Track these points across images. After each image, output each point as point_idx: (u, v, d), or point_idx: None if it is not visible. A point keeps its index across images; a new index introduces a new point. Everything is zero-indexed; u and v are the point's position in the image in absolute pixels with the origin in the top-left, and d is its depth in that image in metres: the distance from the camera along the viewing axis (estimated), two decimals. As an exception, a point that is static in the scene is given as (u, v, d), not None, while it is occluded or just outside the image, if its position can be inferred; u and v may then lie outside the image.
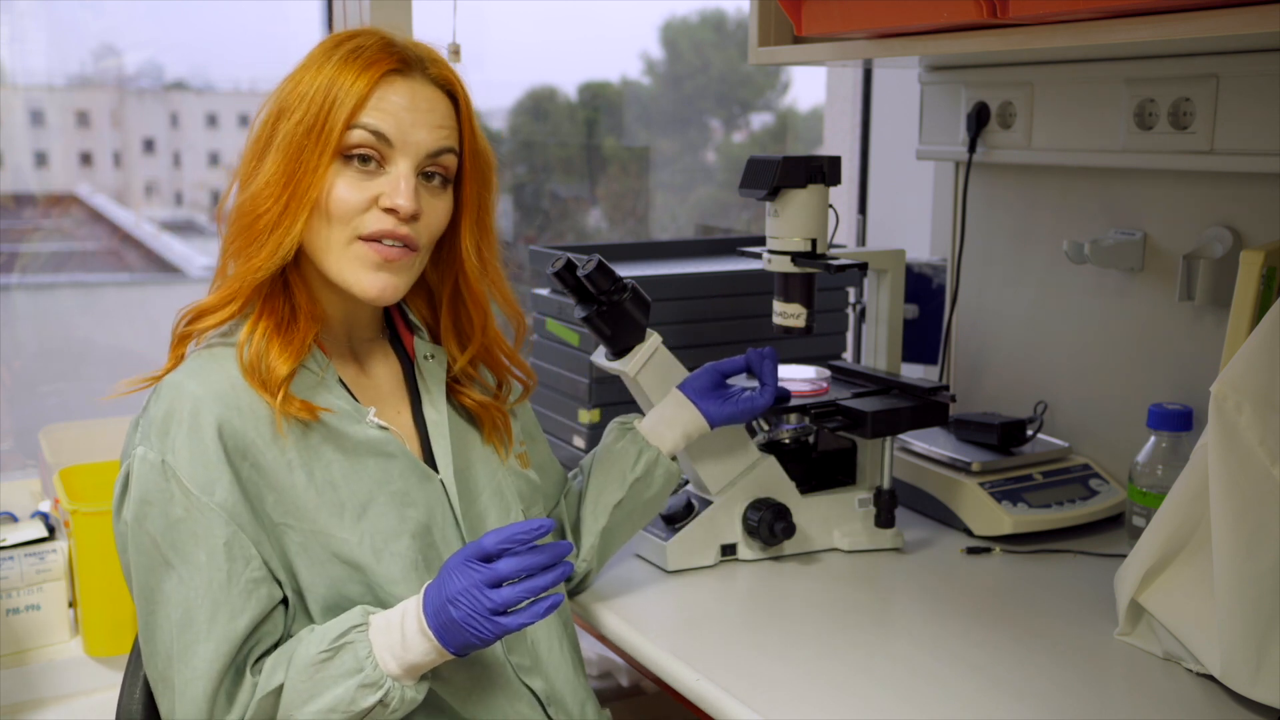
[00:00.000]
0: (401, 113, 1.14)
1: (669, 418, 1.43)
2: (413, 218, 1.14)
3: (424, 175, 1.17)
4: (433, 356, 1.27)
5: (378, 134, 1.13)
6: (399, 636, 1.08)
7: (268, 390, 1.12)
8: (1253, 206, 1.56)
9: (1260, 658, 1.16)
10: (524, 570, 1.08)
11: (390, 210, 1.13)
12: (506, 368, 1.33)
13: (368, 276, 1.15)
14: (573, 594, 1.44)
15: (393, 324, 1.30)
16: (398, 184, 1.13)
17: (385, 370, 1.27)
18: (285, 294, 1.17)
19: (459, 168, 1.20)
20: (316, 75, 1.14)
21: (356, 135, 1.13)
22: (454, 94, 1.19)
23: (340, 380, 1.20)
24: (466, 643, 1.08)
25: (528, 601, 1.08)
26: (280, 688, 1.09)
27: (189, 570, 1.09)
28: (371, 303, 1.18)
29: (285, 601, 1.14)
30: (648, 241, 2.16)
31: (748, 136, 3.55)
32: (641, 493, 1.42)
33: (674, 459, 1.44)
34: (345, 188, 1.13)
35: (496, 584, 1.07)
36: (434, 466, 1.24)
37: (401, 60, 1.16)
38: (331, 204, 1.13)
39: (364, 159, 1.14)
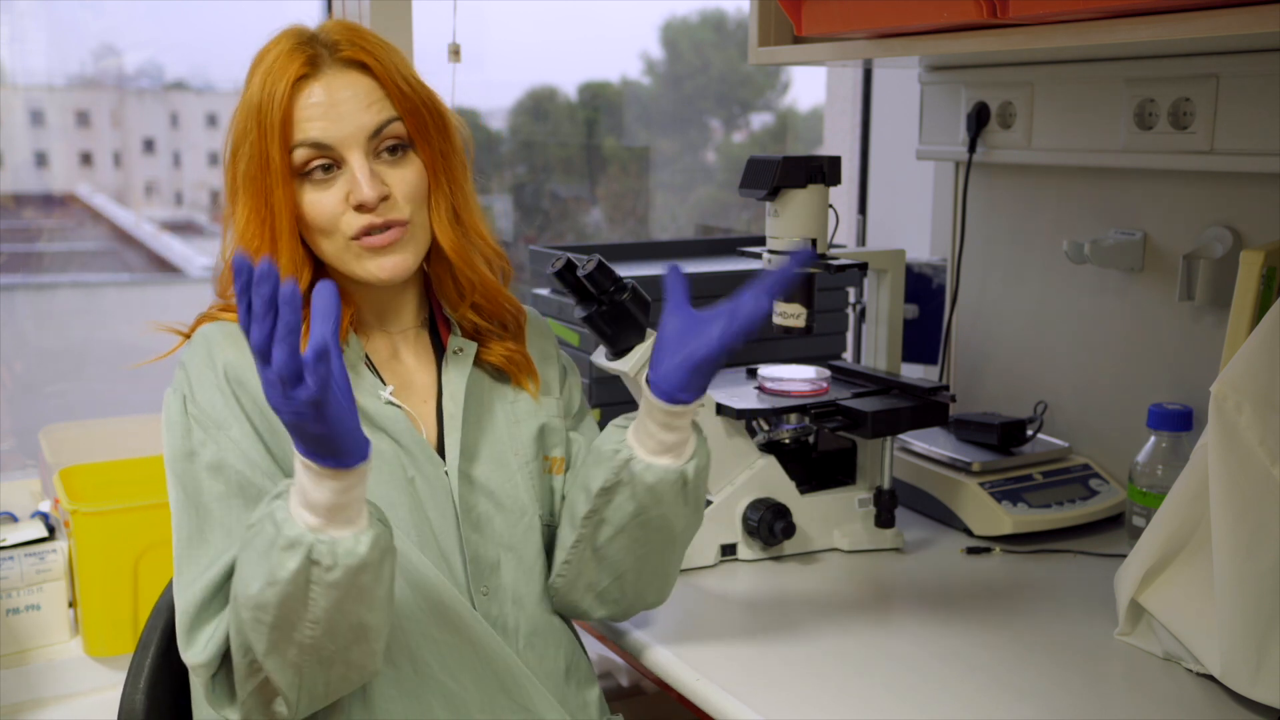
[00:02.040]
0: (327, 112, 1.15)
1: (642, 411, 1.22)
2: (383, 199, 1.16)
3: (388, 150, 1.18)
4: (461, 350, 1.28)
5: (315, 145, 1.15)
6: (298, 486, 1.02)
7: None
8: (1253, 206, 1.56)
9: (1260, 658, 1.16)
10: (259, 327, 0.93)
11: (360, 206, 1.16)
12: (501, 307, 1.31)
13: (374, 264, 1.18)
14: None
15: (434, 317, 1.32)
16: (354, 178, 1.15)
17: (418, 360, 1.28)
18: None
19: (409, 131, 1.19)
20: (246, 104, 1.16)
21: (299, 155, 1.15)
22: (368, 67, 1.18)
23: (368, 360, 1.23)
24: (298, 435, 0.98)
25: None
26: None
27: (206, 499, 1.12)
28: (387, 284, 1.20)
29: None
30: (648, 241, 2.16)
31: (748, 136, 3.55)
32: (620, 506, 1.22)
33: (688, 459, 1.22)
34: (313, 200, 1.16)
35: (265, 361, 0.96)
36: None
37: (307, 62, 1.15)
38: (313, 220, 1.17)
39: (324, 168, 1.16)
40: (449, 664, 1.18)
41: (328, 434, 0.97)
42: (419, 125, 1.19)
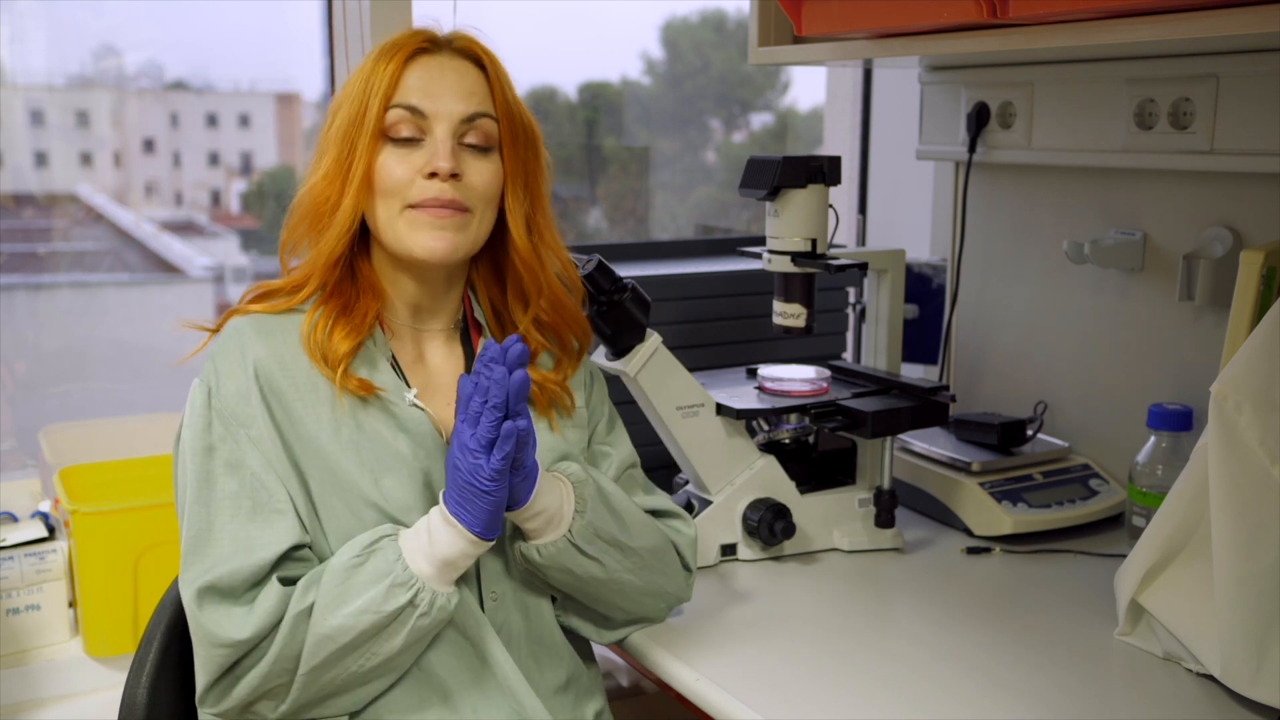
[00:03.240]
0: (431, 85, 1.20)
1: None
2: (454, 176, 1.19)
3: (467, 144, 1.21)
4: None
5: (412, 109, 1.19)
6: (426, 536, 1.13)
7: (329, 366, 1.19)
8: (1253, 206, 1.56)
9: (1260, 658, 1.16)
10: (480, 394, 1.10)
11: (432, 175, 1.18)
12: (567, 325, 1.33)
13: (423, 236, 1.20)
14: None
15: (468, 320, 1.32)
16: (435, 148, 1.19)
17: (446, 361, 1.29)
18: (353, 281, 1.24)
19: (499, 134, 1.24)
20: (359, 75, 1.22)
21: (393, 115, 1.20)
22: (482, 63, 1.24)
23: (394, 360, 1.25)
24: (476, 506, 1.10)
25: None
26: (312, 606, 1.12)
27: (218, 496, 1.15)
28: (430, 261, 1.21)
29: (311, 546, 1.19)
30: (648, 241, 2.16)
31: (748, 136, 3.55)
32: (545, 574, 1.25)
33: (570, 523, 1.22)
34: (390, 162, 1.20)
35: (473, 424, 1.11)
36: None
37: (428, 40, 1.23)
38: (380, 180, 1.20)
39: (407, 137, 1.20)
40: (450, 664, 1.19)
41: (489, 506, 1.10)
42: (511, 132, 1.24)
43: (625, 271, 1.50)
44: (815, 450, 1.65)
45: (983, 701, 1.20)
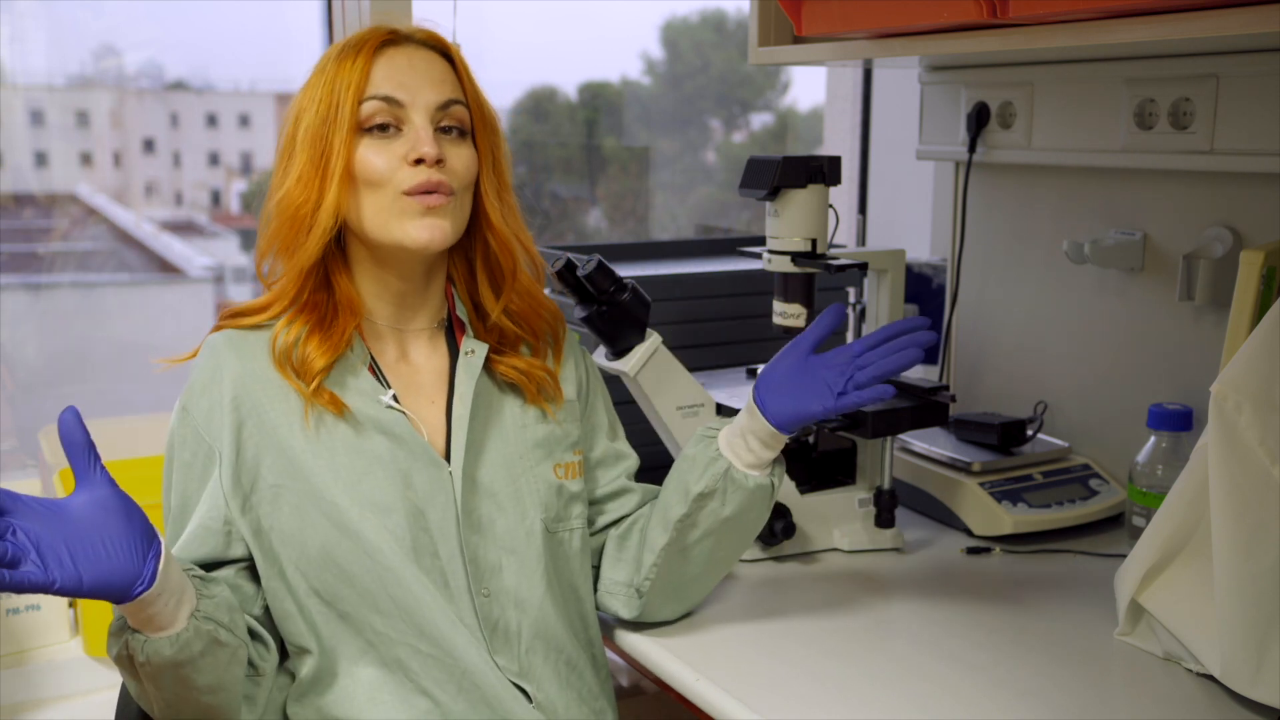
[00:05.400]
0: (403, 75, 1.21)
1: (743, 426, 1.30)
2: (439, 162, 1.20)
3: (442, 130, 1.22)
4: (474, 352, 1.29)
5: (387, 99, 1.20)
6: None
7: (302, 379, 1.20)
8: (1253, 206, 1.56)
9: (1260, 658, 1.16)
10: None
11: (418, 161, 1.19)
12: (538, 313, 1.34)
13: (414, 224, 1.20)
14: (635, 625, 1.37)
15: (451, 318, 1.33)
16: (417, 135, 1.20)
17: (430, 362, 1.29)
18: (329, 290, 1.24)
19: (470, 121, 1.26)
20: (321, 75, 1.22)
21: (368, 107, 1.20)
22: (447, 53, 1.26)
23: (374, 363, 1.25)
24: None
25: None
26: None
27: (172, 504, 1.23)
28: (423, 250, 1.21)
29: (248, 568, 1.23)
30: (648, 241, 2.16)
31: (748, 136, 3.55)
32: (714, 510, 1.29)
33: (772, 471, 1.31)
34: (370, 154, 1.20)
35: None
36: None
37: (391, 33, 1.24)
38: (363, 172, 1.20)
39: (382, 127, 1.20)
40: (435, 675, 1.20)
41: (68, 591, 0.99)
42: (480, 118, 1.26)
43: (625, 271, 1.50)
44: (815, 450, 1.65)
45: (983, 701, 1.20)
